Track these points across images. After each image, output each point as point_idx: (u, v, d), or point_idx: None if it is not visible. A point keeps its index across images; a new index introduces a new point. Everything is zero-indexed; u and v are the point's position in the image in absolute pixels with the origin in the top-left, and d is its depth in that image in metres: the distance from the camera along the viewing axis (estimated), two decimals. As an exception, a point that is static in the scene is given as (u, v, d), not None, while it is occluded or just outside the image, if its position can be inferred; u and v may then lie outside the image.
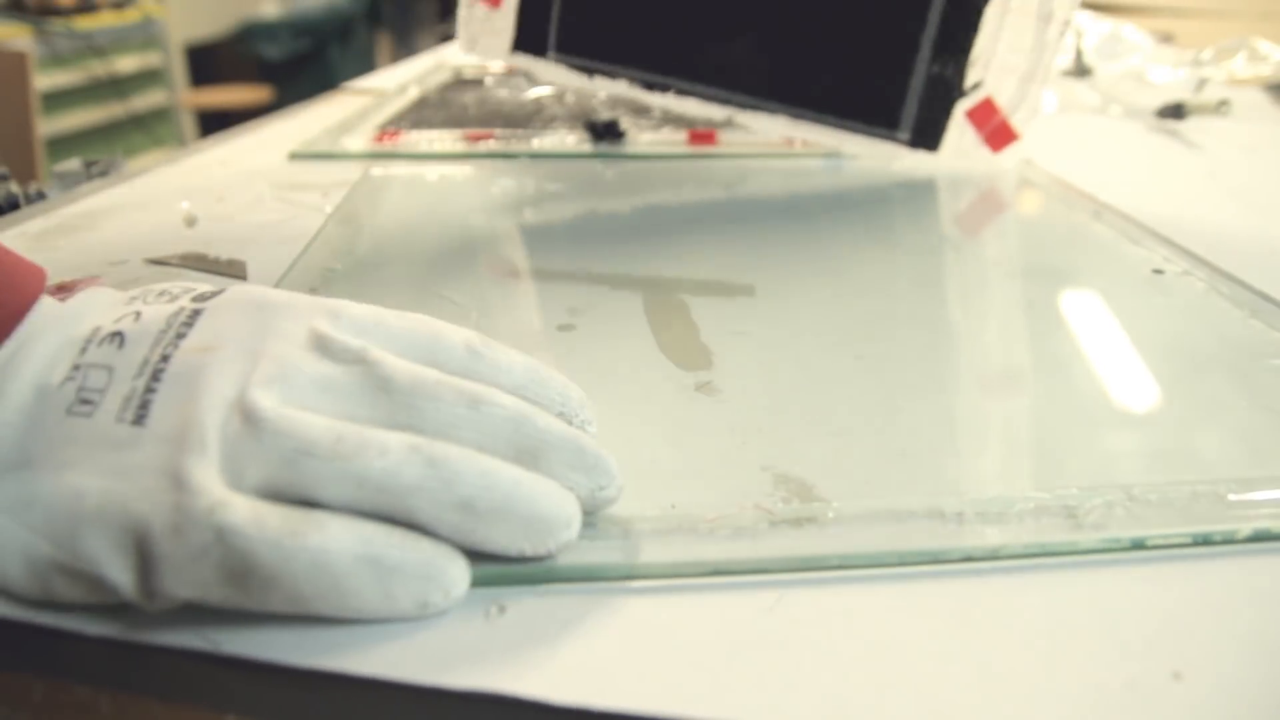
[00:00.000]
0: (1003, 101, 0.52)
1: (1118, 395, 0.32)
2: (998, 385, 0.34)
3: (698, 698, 0.19)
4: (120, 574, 0.20)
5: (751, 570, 0.23)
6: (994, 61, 0.51)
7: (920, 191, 0.55)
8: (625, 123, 0.65)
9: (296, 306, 0.24)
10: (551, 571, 0.22)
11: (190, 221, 0.50)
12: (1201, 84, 0.77)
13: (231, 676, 0.20)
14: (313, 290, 0.39)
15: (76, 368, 0.22)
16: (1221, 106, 0.70)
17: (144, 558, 0.20)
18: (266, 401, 0.21)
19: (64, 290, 0.37)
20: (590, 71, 0.54)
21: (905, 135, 0.55)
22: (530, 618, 0.21)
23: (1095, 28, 1.01)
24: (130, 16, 2.56)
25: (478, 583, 0.22)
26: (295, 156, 0.63)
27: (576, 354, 0.35)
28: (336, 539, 0.20)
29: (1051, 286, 0.42)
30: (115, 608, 0.21)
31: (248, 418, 0.21)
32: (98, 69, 2.40)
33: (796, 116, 0.54)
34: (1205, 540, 0.24)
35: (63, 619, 0.21)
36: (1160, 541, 0.24)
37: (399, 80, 0.87)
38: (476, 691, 0.20)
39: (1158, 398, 0.32)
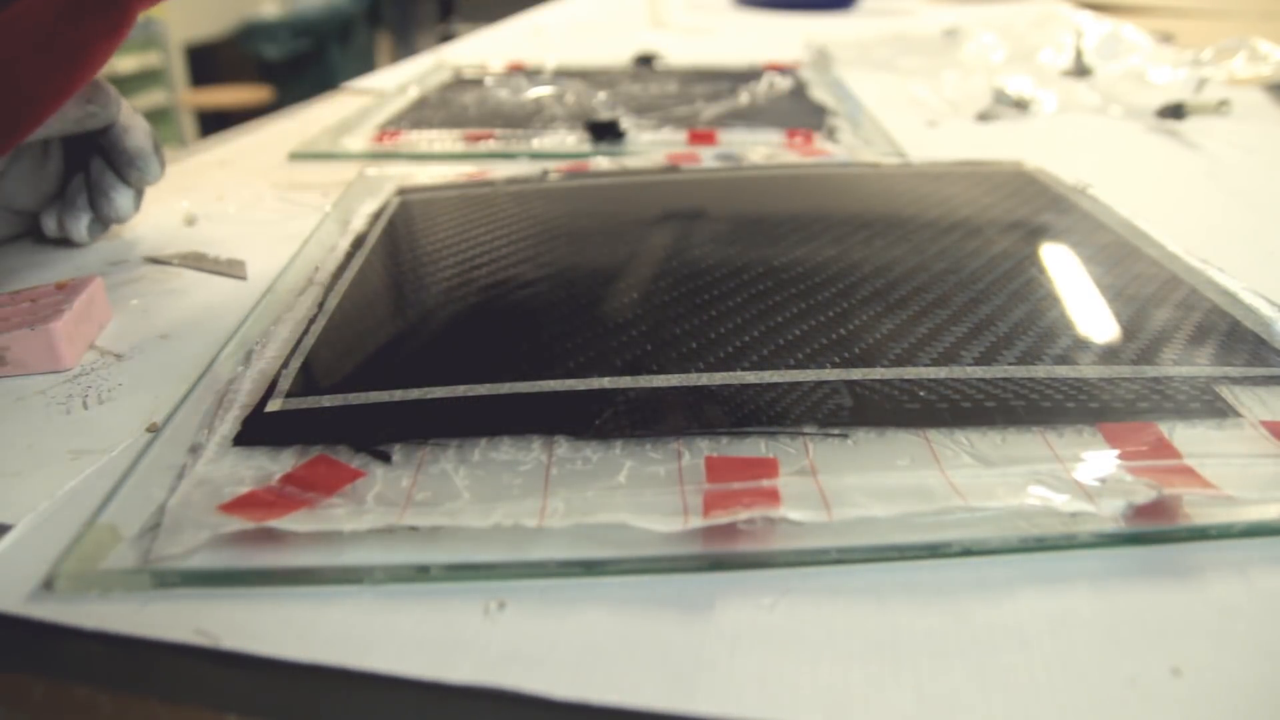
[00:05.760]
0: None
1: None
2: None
3: (698, 693, 0.19)
4: None
5: (750, 565, 0.23)
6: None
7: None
8: (625, 123, 0.65)
9: None
10: (544, 568, 0.22)
11: (190, 221, 0.50)
12: (1201, 84, 0.77)
13: (232, 674, 0.20)
14: (301, 291, 0.38)
15: None
16: (1221, 106, 0.70)
17: None
18: None
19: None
20: None
21: None
22: (530, 613, 0.22)
23: (1095, 28, 1.02)
24: (130, 17, 2.56)
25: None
26: (295, 156, 0.63)
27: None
28: None
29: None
30: (117, 602, 0.21)
31: None
32: (98, 69, 2.40)
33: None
34: (1201, 534, 0.24)
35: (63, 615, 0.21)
36: (1155, 536, 0.24)
37: (399, 80, 0.87)
38: (477, 686, 0.20)
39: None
